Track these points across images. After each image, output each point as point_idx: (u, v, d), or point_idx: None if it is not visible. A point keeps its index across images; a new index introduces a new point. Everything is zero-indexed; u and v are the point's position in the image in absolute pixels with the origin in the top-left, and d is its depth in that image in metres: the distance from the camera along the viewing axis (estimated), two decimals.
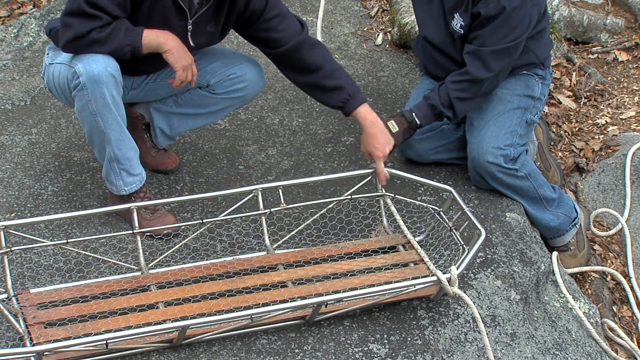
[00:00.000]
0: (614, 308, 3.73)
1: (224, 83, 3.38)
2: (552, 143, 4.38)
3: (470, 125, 3.61)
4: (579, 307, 3.42)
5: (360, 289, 2.91)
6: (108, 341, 2.63)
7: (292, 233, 3.26)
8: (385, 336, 2.99)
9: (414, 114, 3.50)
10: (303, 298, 2.94)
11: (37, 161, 3.63)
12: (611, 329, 3.52)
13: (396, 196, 3.33)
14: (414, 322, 3.05)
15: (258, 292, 2.97)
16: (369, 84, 4.32)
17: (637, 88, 4.81)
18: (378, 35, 4.75)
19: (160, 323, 2.79)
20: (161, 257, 3.11)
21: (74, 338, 2.66)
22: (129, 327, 2.77)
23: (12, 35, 4.55)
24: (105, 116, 3.07)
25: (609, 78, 4.88)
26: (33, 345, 2.70)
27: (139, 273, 3.04)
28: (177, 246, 3.15)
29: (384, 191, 3.33)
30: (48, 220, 3.23)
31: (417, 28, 3.84)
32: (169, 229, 3.25)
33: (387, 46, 4.62)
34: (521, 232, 3.48)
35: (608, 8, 5.21)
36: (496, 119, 3.55)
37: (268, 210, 3.19)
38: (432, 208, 3.29)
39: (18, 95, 4.05)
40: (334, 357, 2.90)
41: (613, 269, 3.84)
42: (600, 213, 4.05)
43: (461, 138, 3.69)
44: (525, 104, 3.62)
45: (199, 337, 2.84)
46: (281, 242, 3.23)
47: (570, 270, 3.67)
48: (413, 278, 3.01)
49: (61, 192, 3.47)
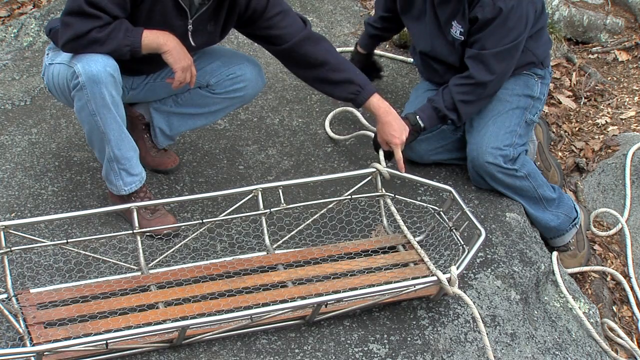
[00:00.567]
0: (614, 308, 3.73)
1: (224, 83, 3.38)
2: (552, 143, 4.38)
3: (469, 125, 3.61)
4: (579, 307, 3.42)
5: (360, 289, 2.91)
6: (108, 341, 2.63)
7: (292, 233, 3.26)
8: (385, 336, 2.99)
9: (418, 117, 3.50)
10: (303, 298, 2.94)
11: (37, 161, 3.63)
12: (611, 329, 3.52)
13: (396, 196, 3.33)
14: (414, 322, 3.05)
15: (258, 292, 2.97)
16: None
17: (637, 88, 4.81)
18: None
19: (160, 323, 2.79)
20: (161, 257, 3.11)
21: (74, 338, 2.66)
22: (129, 327, 2.77)
23: (12, 35, 4.54)
24: (104, 116, 3.07)
25: (609, 78, 4.88)
26: (33, 345, 2.70)
27: (139, 273, 3.04)
28: (177, 246, 3.15)
29: (384, 191, 3.33)
30: (48, 220, 3.23)
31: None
32: (169, 229, 3.25)
33: (387, 46, 4.61)
34: (521, 232, 3.48)
35: (608, 8, 5.21)
36: (495, 119, 3.55)
37: (268, 210, 3.19)
38: (432, 208, 3.29)
39: (18, 95, 4.04)
40: (334, 357, 2.90)
41: (613, 269, 3.84)
42: (600, 213, 4.05)
43: (461, 139, 3.69)
44: (524, 104, 3.62)
45: (199, 337, 2.84)
46: (281, 242, 3.23)
47: (570, 270, 3.67)
48: (413, 278, 3.01)
49: (61, 192, 3.47)
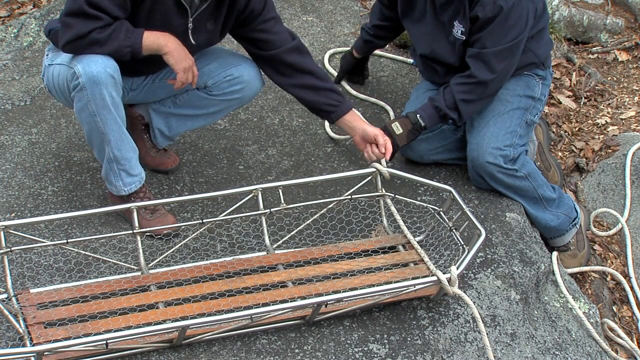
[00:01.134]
0: (614, 308, 3.73)
1: (222, 84, 3.37)
2: (552, 143, 4.38)
3: (470, 125, 3.61)
4: (579, 307, 3.42)
5: (360, 289, 2.91)
6: (108, 341, 2.63)
7: (292, 233, 3.26)
8: (385, 336, 2.99)
9: (419, 116, 3.50)
10: (303, 298, 2.94)
11: (37, 161, 3.63)
12: (611, 329, 3.52)
13: (396, 196, 3.33)
14: (414, 322, 3.05)
15: (258, 292, 2.97)
16: (369, 84, 4.31)
17: (637, 88, 4.81)
18: None
19: (160, 323, 2.79)
20: (161, 257, 3.11)
21: (74, 338, 2.66)
22: (129, 327, 2.77)
23: (12, 35, 4.54)
24: (104, 117, 3.07)
25: (609, 78, 4.88)
26: (33, 345, 2.70)
27: (139, 273, 3.04)
28: (177, 246, 3.15)
29: (384, 191, 3.33)
30: (48, 220, 3.23)
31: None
32: (169, 229, 3.25)
33: (387, 46, 4.61)
34: (521, 232, 3.48)
35: (608, 8, 5.21)
36: (496, 120, 3.55)
37: (268, 210, 3.19)
38: (432, 208, 3.29)
39: (18, 95, 4.04)
40: (334, 357, 2.90)
41: (613, 269, 3.84)
42: (600, 213, 4.05)
43: (461, 138, 3.69)
44: (525, 105, 3.62)
45: (199, 337, 2.84)
46: (281, 242, 3.23)
47: (570, 270, 3.67)
48: (413, 278, 3.01)
49: (61, 192, 3.47)
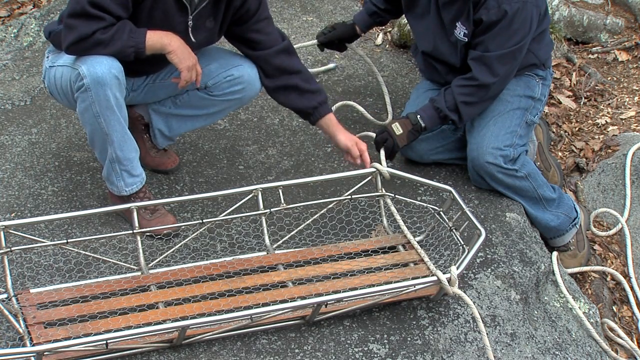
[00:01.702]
0: (614, 308, 3.73)
1: (222, 85, 3.37)
2: (552, 143, 4.38)
3: (470, 125, 3.61)
4: (579, 307, 3.42)
5: (360, 289, 2.91)
6: (108, 341, 2.63)
7: (292, 233, 3.26)
8: (385, 336, 2.99)
9: (419, 117, 3.50)
10: (303, 298, 2.94)
11: (37, 161, 3.63)
12: (611, 329, 3.52)
13: (396, 196, 3.33)
14: (414, 322, 3.05)
15: (258, 292, 2.97)
16: (369, 84, 4.31)
17: (637, 88, 4.81)
18: (378, 35, 4.74)
19: (160, 323, 2.79)
20: (161, 257, 3.11)
21: (74, 338, 2.66)
22: (129, 327, 2.77)
23: (12, 35, 4.55)
24: (108, 118, 3.07)
25: (609, 78, 4.88)
26: (33, 345, 2.70)
27: (139, 273, 3.04)
28: (177, 246, 3.15)
29: (384, 191, 3.33)
30: (48, 220, 3.23)
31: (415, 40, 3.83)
32: (169, 229, 3.25)
33: (387, 46, 4.61)
34: (521, 232, 3.48)
35: (608, 8, 5.21)
36: (496, 120, 3.55)
37: (268, 210, 3.19)
38: (432, 208, 3.29)
39: (18, 95, 4.04)
40: (334, 357, 2.90)
41: (613, 269, 3.84)
42: (600, 213, 4.05)
43: (461, 138, 3.69)
44: (525, 105, 3.62)
45: (199, 337, 2.84)
46: (281, 242, 3.23)
47: (570, 270, 3.67)
48: (413, 278, 3.01)
49: (61, 192, 3.47)
